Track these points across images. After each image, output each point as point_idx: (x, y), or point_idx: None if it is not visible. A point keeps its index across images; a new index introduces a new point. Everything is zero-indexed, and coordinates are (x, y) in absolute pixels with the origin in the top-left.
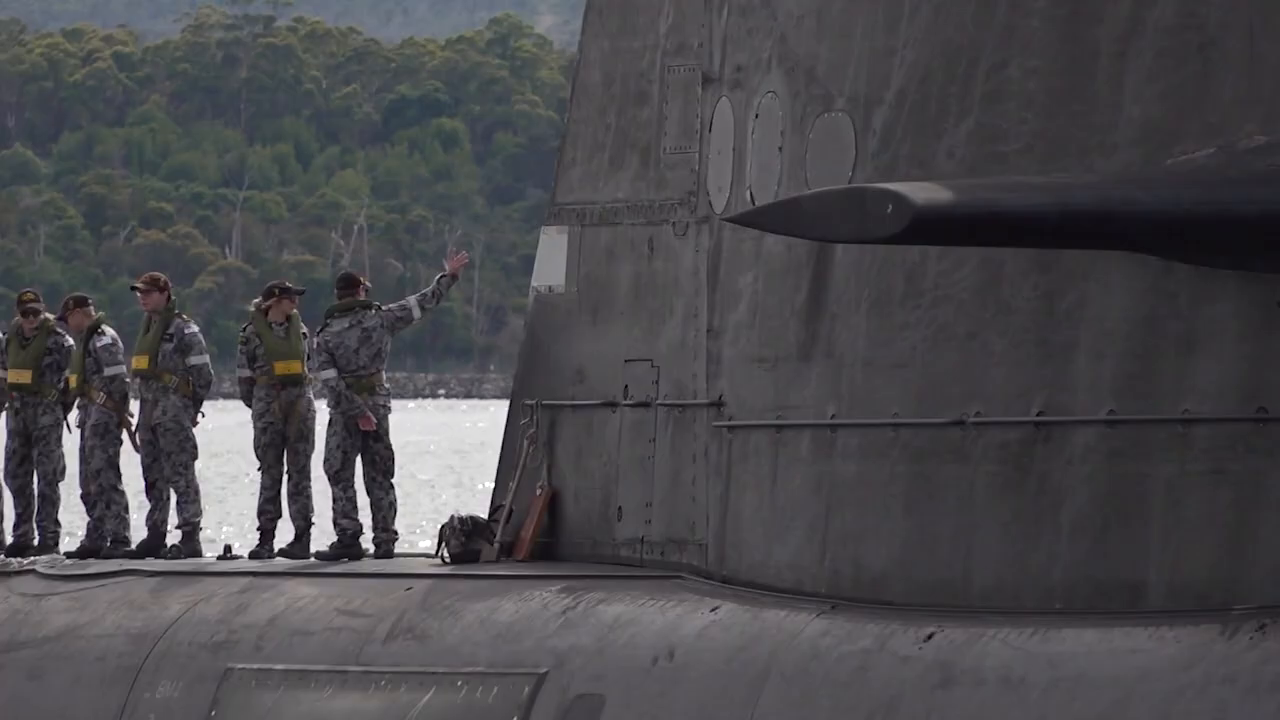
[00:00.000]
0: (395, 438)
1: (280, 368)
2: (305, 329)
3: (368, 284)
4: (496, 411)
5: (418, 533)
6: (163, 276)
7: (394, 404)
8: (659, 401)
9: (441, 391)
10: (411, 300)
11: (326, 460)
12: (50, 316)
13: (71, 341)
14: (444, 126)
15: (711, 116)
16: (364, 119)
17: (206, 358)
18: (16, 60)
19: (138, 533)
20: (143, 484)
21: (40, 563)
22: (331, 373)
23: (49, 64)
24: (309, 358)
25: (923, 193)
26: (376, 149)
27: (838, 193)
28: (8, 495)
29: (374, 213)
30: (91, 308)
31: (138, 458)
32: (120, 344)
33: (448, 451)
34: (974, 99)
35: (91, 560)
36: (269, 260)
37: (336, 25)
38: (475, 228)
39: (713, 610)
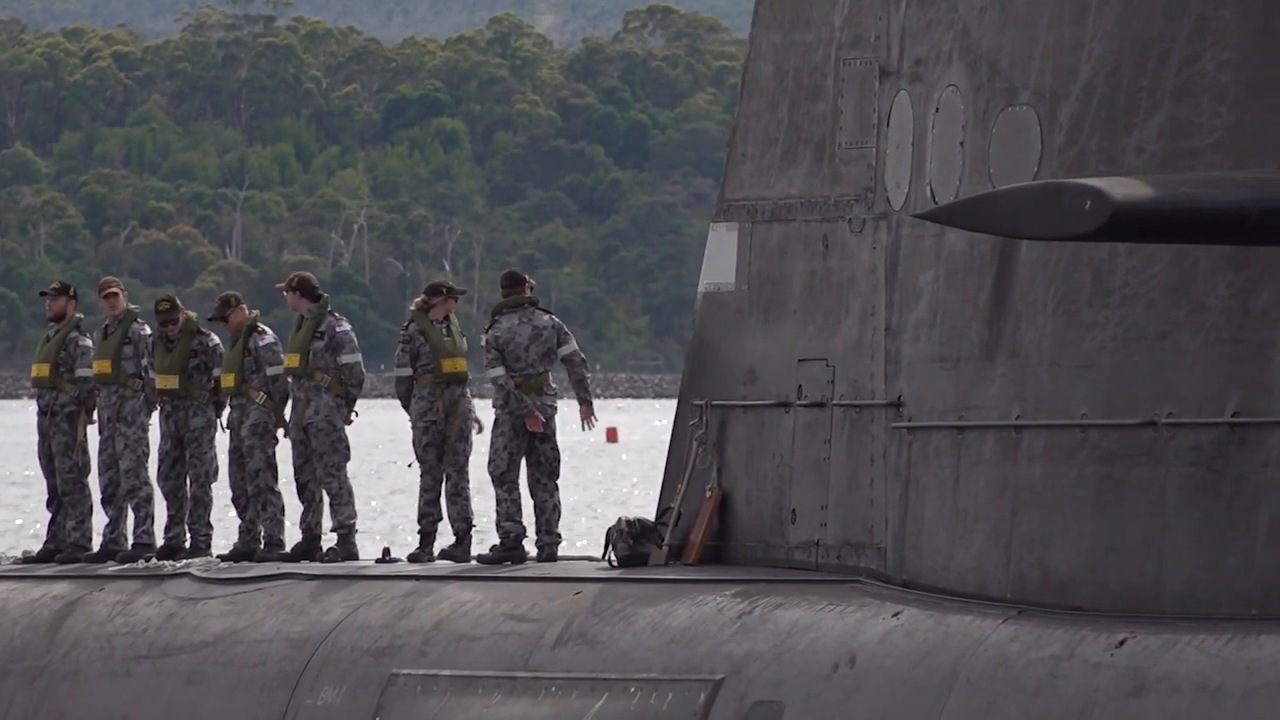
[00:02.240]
0: (401, 435)
1: (448, 365)
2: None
3: (533, 282)
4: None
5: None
6: (298, 276)
7: (391, 403)
8: (835, 402)
9: None
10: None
11: (491, 461)
12: (193, 316)
13: (217, 340)
14: (444, 126)
15: (889, 110)
16: (364, 119)
17: (359, 356)
18: (16, 60)
19: (290, 535)
20: (294, 486)
21: (194, 565)
22: (500, 370)
23: (49, 64)
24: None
25: (1120, 189)
26: (376, 149)
27: (1034, 188)
28: (159, 498)
29: (374, 213)
30: (245, 306)
31: (287, 460)
32: (280, 343)
33: None
34: (1165, 92)
35: (247, 563)
36: (269, 260)
37: (336, 25)
38: (475, 228)
39: (894, 615)
